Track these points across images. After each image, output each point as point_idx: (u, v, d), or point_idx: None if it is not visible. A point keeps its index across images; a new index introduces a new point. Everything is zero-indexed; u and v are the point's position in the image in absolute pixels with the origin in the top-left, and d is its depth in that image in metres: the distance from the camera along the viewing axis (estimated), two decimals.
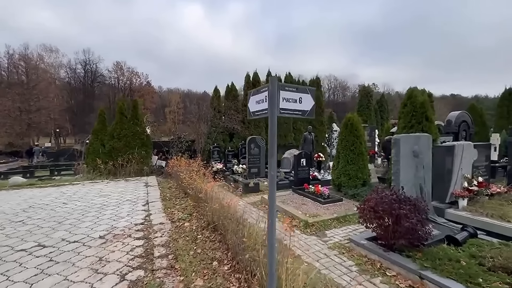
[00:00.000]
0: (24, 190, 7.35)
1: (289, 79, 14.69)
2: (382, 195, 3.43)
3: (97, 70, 51.67)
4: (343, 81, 66.55)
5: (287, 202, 6.05)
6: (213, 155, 12.19)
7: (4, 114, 24.09)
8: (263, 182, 8.79)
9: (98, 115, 10.99)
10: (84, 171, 9.85)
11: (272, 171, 1.93)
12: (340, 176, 6.88)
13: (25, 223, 4.64)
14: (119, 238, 3.95)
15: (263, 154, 9.85)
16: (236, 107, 13.03)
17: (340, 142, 7.04)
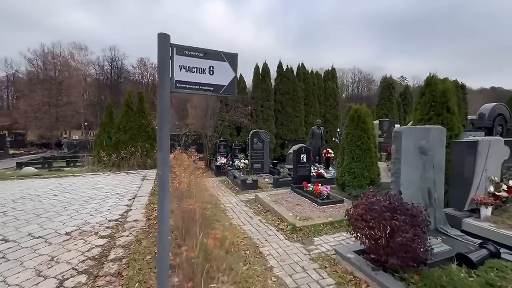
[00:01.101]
0: (27, 180, 7.53)
1: (302, 71, 13.87)
2: (372, 201, 2.79)
3: (123, 66, 53.76)
4: (368, 74, 63.14)
5: (281, 201, 5.50)
6: (219, 149, 11.86)
7: (34, 109, 25.73)
8: (264, 178, 8.28)
9: (105, 108, 11.10)
10: (89, 163, 10.01)
11: (161, 170, 1.41)
12: (344, 174, 6.17)
13: (6, 215, 4.58)
14: (84, 236, 3.69)
15: (267, 149, 9.32)
16: (244, 100, 12.56)
17: (345, 136, 6.31)
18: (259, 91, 12.54)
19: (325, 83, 14.50)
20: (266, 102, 12.61)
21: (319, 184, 5.89)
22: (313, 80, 14.04)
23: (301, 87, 13.55)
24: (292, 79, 13.26)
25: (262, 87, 12.56)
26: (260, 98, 12.53)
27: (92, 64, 48.10)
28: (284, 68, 13.36)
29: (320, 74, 14.67)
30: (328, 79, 14.50)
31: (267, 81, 12.70)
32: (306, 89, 13.77)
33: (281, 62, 13.39)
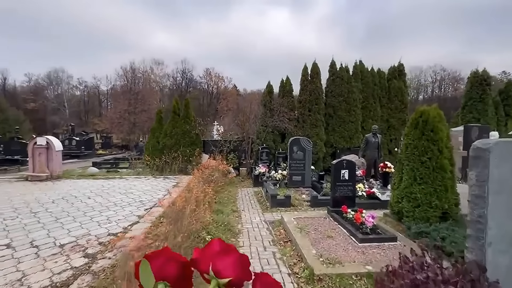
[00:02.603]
0: (81, 180, 8.31)
1: (359, 69, 11.99)
2: (422, 277, 1.52)
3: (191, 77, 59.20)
4: (453, 71, 52.99)
5: (308, 229, 4.33)
6: (262, 157, 11.13)
7: (118, 116, 30.27)
8: (302, 194, 7.10)
9: (156, 114, 11.74)
10: (136, 166, 10.65)
11: None
12: (401, 200, 4.56)
13: (35, 216, 4.82)
14: (72, 251, 3.42)
15: (308, 159, 8.09)
16: (290, 104, 11.54)
17: (404, 148, 4.69)
18: (307, 94, 11.32)
19: (389, 82, 12.22)
20: (315, 106, 11.29)
21: (363, 210, 4.47)
22: (373, 79, 11.99)
23: (358, 88, 11.70)
24: (347, 79, 11.57)
25: (311, 89, 11.31)
26: (308, 101, 11.30)
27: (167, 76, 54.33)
28: (337, 67, 11.80)
29: (383, 72, 12.46)
30: (394, 77, 12.16)
31: (316, 82, 11.39)
32: (364, 90, 11.83)
33: (334, 61, 11.87)
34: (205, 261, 0.39)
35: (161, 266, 0.38)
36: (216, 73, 60.16)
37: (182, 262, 0.40)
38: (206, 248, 0.40)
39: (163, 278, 0.38)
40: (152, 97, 37.90)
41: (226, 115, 28.90)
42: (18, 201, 5.80)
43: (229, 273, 0.38)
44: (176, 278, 0.39)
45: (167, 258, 0.39)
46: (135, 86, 36.30)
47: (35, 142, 8.51)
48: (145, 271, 0.37)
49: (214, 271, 0.38)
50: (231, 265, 0.38)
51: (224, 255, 0.39)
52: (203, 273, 0.39)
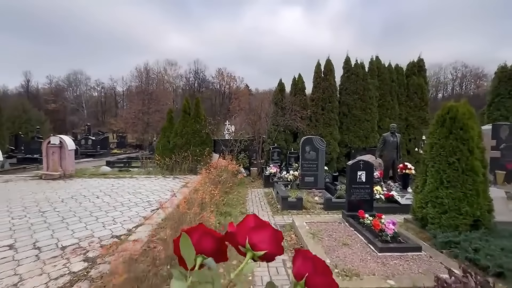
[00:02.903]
0: (92, 179, 8.35)
1: (375, 65, 11.42)
2: None
3: (204, 77, 59.63)
4: (475, 68, 50.32)
5: (322, 235, 4.01)
6: (273, 157, 10.84)
7: (132, 116, 30.87)
8: (314, 196, 6.75)
9: (166, 114, 11.71)
10: (147, 166, 10.64)
11: None
12: (426, 205, 4.15)
13: (43, 215, 4.78)
14: (73, 254, 3.29)
15: (321, 159, 7.73)
16: (302, 103, 11.17)
17: (429, 148, 4.27)
18: (320, 92, 10.91)
19: (408, 79, 11.57)
20: (328, 104, 10.86)
21: (382, 215, 4.10)
22: (391, 75, 11.39)
23: (374, 85, 11.15)
24: (363, 75, 11.05)
25: (324, 86, 10.88)
26: (321, 99, 10.88)
27: (180, 77, 54.98)
28: (352, 63, 11.30)
29: (401, 68, 11.81)
30: (413, 73, 11.49)
31: (330, 79, 10.94)
32: (381, 87, 11.26)
33: (348, 57, 11.37)
34: (241, 234, 0.41)
35: (198, 240, 0.40)
36: (228, 73, 60.26)
37: (217, 237, 0.42)
38: (242, 223, 0.42)
39: (201, 252, 0.40)
40: (166, 97, 38.45)
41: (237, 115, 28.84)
42: (29, 199, 5.82)
43: (264, 246, 0.40)
44: (213, 251, 0.41)
45: (203, 233, 0.41)
46: (148, 87, 36.96)
47: (49, 141, 8.64)
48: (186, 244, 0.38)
49: (250, 244, 0.40)
50: (266, 239, 0.40)
51: (260, 229, 0.41)
52: (238, 246, 0.41)
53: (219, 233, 0.43)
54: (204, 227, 0.42)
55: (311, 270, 0.37)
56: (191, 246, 0.39)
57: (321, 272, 0.38)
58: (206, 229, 0.42)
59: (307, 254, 0.39)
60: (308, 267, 0.38)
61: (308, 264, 0.38)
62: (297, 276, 0.38)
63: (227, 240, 0.43)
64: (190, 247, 0.39)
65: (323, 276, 0.37)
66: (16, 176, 8.80)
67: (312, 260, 0.38)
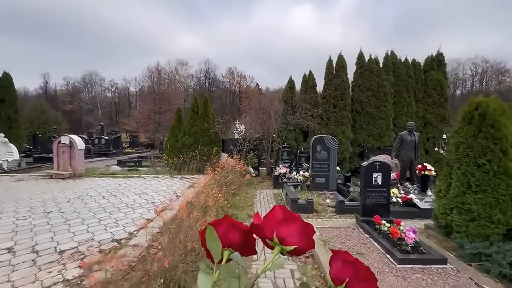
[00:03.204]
0: (101, 179, 8.34)
1: (391, 60, 10.87)
2: None
3: (214, 76, 59.80)
4: (497, 62, 47.73)
5: (334, 242, 3.70)
6: (282, 157, 10.54)
7: (143, 116, 31.31)
8: (326, 198, 6.41)
9: (175, 113, 11.64)
10: (155, 165, 10.58)
11: None
12: (450, 211, 3.75)
13: (47, 216, 4.72)
14: (70, 260, 3.14)
15: (333, 159, 7.36)
16: (313, 100, 10.78)
17: (454, 148, 3.86)
18: (332, 89, 10.49)
19: (426, 74, 10.95)
20: (341, 102, 10.43)
21: (400, 222, 3.75)
22: (407, 71, 10.81)
23: (390, 81, 10.63)
24: (377, 71, 10.55)
25: (336, 83, 10.46)
26: (333, 96, 10.46)
27: (191, 77, 55.38)
28: (366, 58, 10.81)
29: (418, 63, 11.20)
30: (431, 68, 10.86)
31: (342, 76, 10.51)
32: (397, 83, 10.71)
33: (361, 52, 10.89)
34: (268, 227, 0.39)
35: (224, 233, 0.39)
36: (238, 72, 60.19)
37: (243, 229, 0.40)
38: (269, 214, 0.40)
39: (228, 245, 0.39)
40: (177, 96, 38.79)
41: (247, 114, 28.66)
42: (36, 199, 5.82)
43: (294, 241, 0.38)
44: (240, 244, 0.39)
45: (229, 225, 0.40)
46: (160, 87, 37.41)
47: (59, 141, 8.71)
48: (212, 237, 0.37)
49: (278, 238, 0.38)
50: (296, 233, 0.38)
51: (289, 222, 0.38)
52: (265, 239, 0.39)
53: (245, 225, 0.41)
54: (230, 219, 0.41)
55: (352, 275, 0.34)
56: (217, 239, 0.37)
57: (363, 278, 0.34)
58: (232, 221, 0.41)
59: (347, 257, 0.36)
60: (348, 272, 0.35)
61: (349, 268, 0.35)
62: (335, 280, 0.35)
63: (254, 232, 0.41)
64: (216, 240, 0.37)
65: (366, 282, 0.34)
66: (28, 175, 8.95)
67: (353, 264, 0.35)
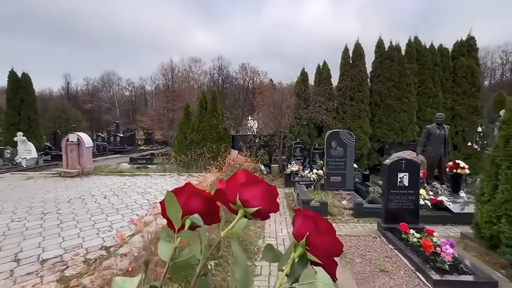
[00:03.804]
0: (107, 177, 8.17)
1: (414, 47, 9.90)
2: None
3: (227, 73, 59.52)
4: None
5: (353, 255, 3.14)
6: (295, 153, 9.97)
7: (157, 113, 31.60)
8: (342, 199, 5.80)
9: (184, 109, 11.34)
10: (163, 163, 10.34)
11: None
12: (497, 219, 3.07)
13: (42, 218, 4.49)
14: (49, 271, 2.81)
15: (350, 156, 6.71)
16: (328, 93, 10.07)
17: (502, 142, 3.15)
18: (348, 80, 9.73)
19: (454, 61, 9.90)
20: (358, 94, 9.65)
21: (433, 232, 3.12)
22: (433, 58, 9.82)
23: (413, 70, 9.70)
24: (398, 59, 9.65)
25: (353, 73, 9.68)
26: (350, 88, 9.70)
27: (204, 74, 55.49)
28: (386, 46, 9.93)
29: (446, 49, 10.14)
30: (461, 54, 9.79)
31: (359, 65, 9.70)
32: (421, 72, 9.76)
33: (381, 39, 10.01)
34: (231, 191, 0.39)
35: (186, 201, 0.39)
36: (251, 67, 59.58)
37: (206, 196, 0.40)
38: (232, 178, 0.40)
39: (190, 213, 0.38)
40: (191, 94, 38.90)
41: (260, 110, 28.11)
42: (38, 199, 5.66)
43: (257, 203, 0.38)
44: (203, 212, 0.39)
45: (190, 193, 0.40)
46: (173, 84, 37.64)
47: (67, 139, 8.64)
48: (172, 204, 0.37)
49: (241, 200, 0.38)
50: (259, 195, 0.38)
51: (252, 185, 0.39)
52: (229, 203, 0.39)
53: (208, 193, 0.40)
54: (192, 186, 0.39)
55: (312, 229, 0.35)
56: (177, 205, 0.36)
57: (323, 231, 0.35)
58: (195, 189, 0.39)
59: (308, 213, 0.36)
60: (309, 226, 0.35)
61: (309, 223, 0.35)
62: (297, 236, 0.36)
63: (217, 199, 0.40)
64: (176, 206, 0.36)
65: (325, 235, 0.35)
66: (39, 173, 8.97)
67: (313, 219, 0.36)
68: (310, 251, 0.35)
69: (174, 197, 0.37)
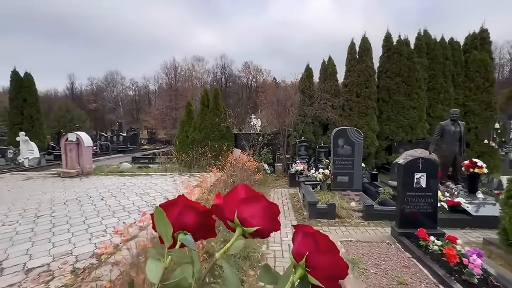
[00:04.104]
0: (107, 178, 7.97)
1: (424, 41, 9.49)
2: None
3: (230, 72, 59.17)
4: None
5: (366, 264, 2.84)
6: (299, 152, 9.66)
7: (160, 112, 31.47)
8: (350, 200, 5.49)
9: (185, 107, 11.10)
10: (164, 162, 10.12)
11: None
12: None
13: (35, 221, 4.28)
14: (34, 283, 2.57)
15: (358, 155, 6.38)
16: (333, 89, 9.74)
17: None
18: (355, 76, 9.37)
19: (466, 55, 9.47)
20: (365, 90, 9.29)
21: (456, 239, 2.81)
22: (443, 52, 9.41)
23: (423, 65, 9.31)
24: (407, 54, 9.26)
25: (359, 69, 9.32)
26: (356, 84, 9.35)
27: (207, 72, 55.24)
28: (394, 40, 9.54)
29: (457, 43, 9.71)
30: (474, 47, 9.36)
31: (366, 60, 9.34)
32: (431, 67, 9.37)
33: (389, 33, 9.63)
34: (229, 208, 0.36)
35: (178, 215, 0.36)
36: (254, 66, 59.17)
37: (201, 210, 0.38)
38: (230, 194, 0.37)
39: (182, 227, 0.36)
40: (194, 93, 38.71)
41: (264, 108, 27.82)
42: (34, 200, 5.46)
43: (257, 222, 0.35)
44: (197, 227, 0.37)
45: (183, 206, 0.37)
46: (176, 83, 37.49)
47: (66, 138, 8.46)
48: (161, 220, 0.34)
49: (240, 218, 0.35)
50: (259, 213, 0.35)
51: (252, 202, 0.36)
52: (226, 220, 0.37)
53: (203, 206, 0.37)
54: (185, 198, 0.37)
55: (312, 248, 0.32)
56: (167, 221, 0.34)
57: (324, 250, 0.32)
58: (188, 202, 0.37)
59: (307, 229, 0.33)
60: (309, 244, 0.32)
61: (309, 241, 0.32)
62: (296, 256, 0.33)
63: (214, 213, 0.37)
64: (165, 222, 0.34)
65: (327, 254, 0.31)
66: (39, 174, 8.82)
67: (312, 236, 0.32)
68: (311, 273, 0.32)
69: (163, 214, 0.34)
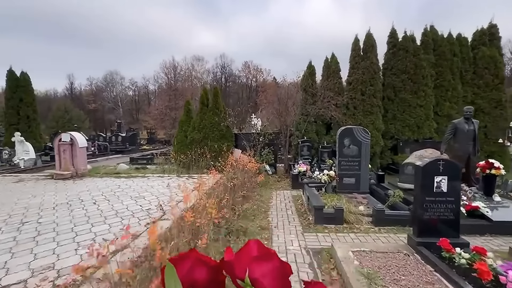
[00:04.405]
0: (101, 180, 7.65)
1: (430, 37, 9.17)
2: None
3: (230, 71, 58.81)
4: None
5: (384, 280, 2.51)
6: (302, 152, 9.35)
7: (159, 112, 31.15)
8: (358, 204, 5.16)
9: (184, 106, 10.79)
10: (162, 164, 9.81)
11: None
12: None
13: (19, 229, 3.96)
14: None
15: (365, 155, 6.06)
16: (337, 87, 9.41)
17: None
18: (359, 73, 9.05)
19: (475, 51, 9.15)
20: (370, 88, 8.97)
21: (486, 251, 2.49)
22: (451, 48, 9.08)
23: (429, 61, 8.98)
24: (413, 50, 8.94)
25: (364, 66, 8.99)
26: (361, 82, 9.02)
27: (207, 72, 54.92)
28: (399, 36, 9.22)
29: (465, 39, 9.39)
30: (482, 43, 9.03)
31: (371, 57, 9.01)
32: (439, 63, 9.04)
33: (394, 29, 9.32)
34: (240, 265, 0.35)
35: (189, 270, 0.36)
36: (254, 65, 58.83)
37: (212, 265, 0.37)
38: (242, 251, 0.36)
39: (192, 284, 0.35)
40: (194, 92, 38.37)
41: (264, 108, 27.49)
42: (21, 205, 5.14)
43: (267, 283, 0.34)
44: (207, 283, 0.36)
45: (195, 261, 0.36)
46: (176, 83, 37.16)
47: (60, 139, 8.14)
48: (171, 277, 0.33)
49: (251, 278, 0.34)
50: (270, 274, 0.34)
51: (264, 261, 0.35)
52: (236, 278, 0.36)
53: (214, 261, 0.36)
54: (196, 253, 0.36)
55: None
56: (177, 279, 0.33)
57: None
58: (199, 256, 0.36)
59: None
60: None
61: None
62: None
63: (225, 269, 0.36)
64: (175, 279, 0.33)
65: None
66: (31, 175, 8.50)
67: None
68: None
69: (173, 270, 0.33)
